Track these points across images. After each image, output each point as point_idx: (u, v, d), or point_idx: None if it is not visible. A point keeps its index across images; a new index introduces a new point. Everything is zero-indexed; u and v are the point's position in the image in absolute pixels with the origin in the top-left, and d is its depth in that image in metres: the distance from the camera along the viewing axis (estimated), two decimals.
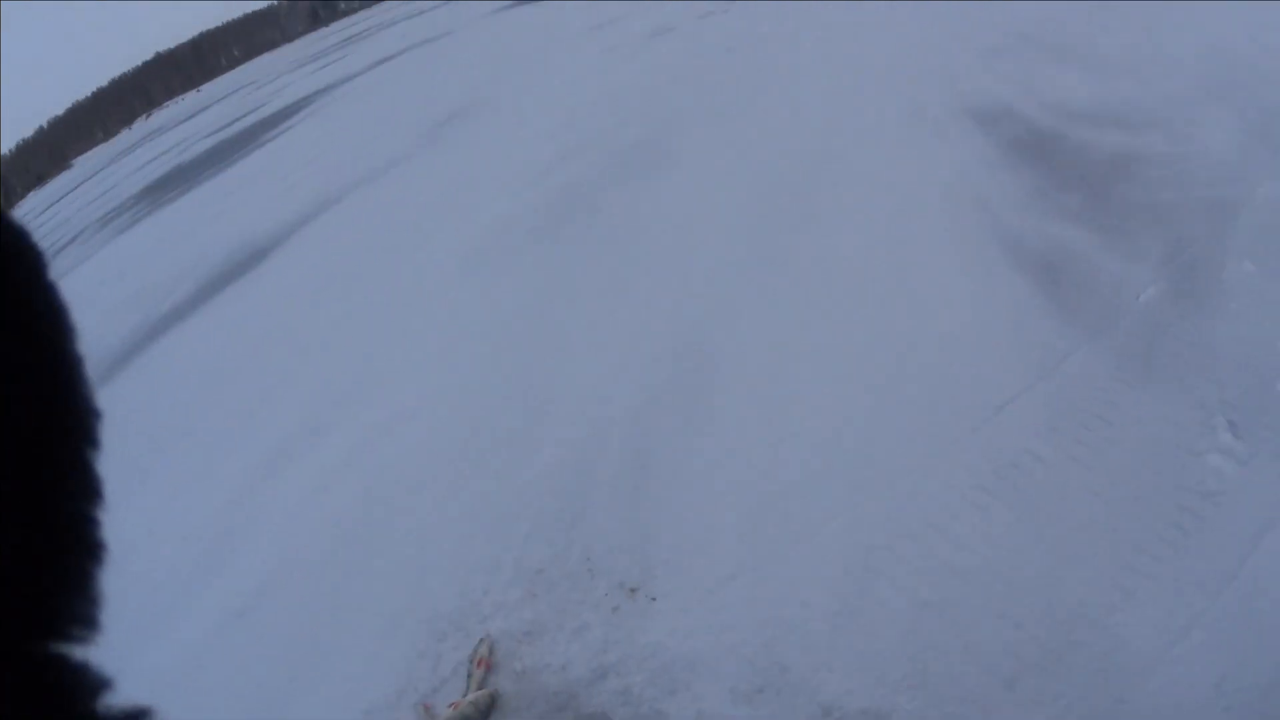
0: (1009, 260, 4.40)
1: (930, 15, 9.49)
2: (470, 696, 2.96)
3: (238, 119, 28.04)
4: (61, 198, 33.57)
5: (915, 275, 4.53)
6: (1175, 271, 4.05)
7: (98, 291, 11.24)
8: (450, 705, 2.98)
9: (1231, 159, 4.66)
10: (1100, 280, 4.11)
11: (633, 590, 3.26)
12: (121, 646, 3.86)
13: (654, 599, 3.21)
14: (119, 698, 0.46)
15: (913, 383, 3.84)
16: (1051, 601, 2.90)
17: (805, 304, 4.59)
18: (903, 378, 3.88)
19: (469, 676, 3.08)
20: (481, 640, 3.21)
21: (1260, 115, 4.96)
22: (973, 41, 8.04)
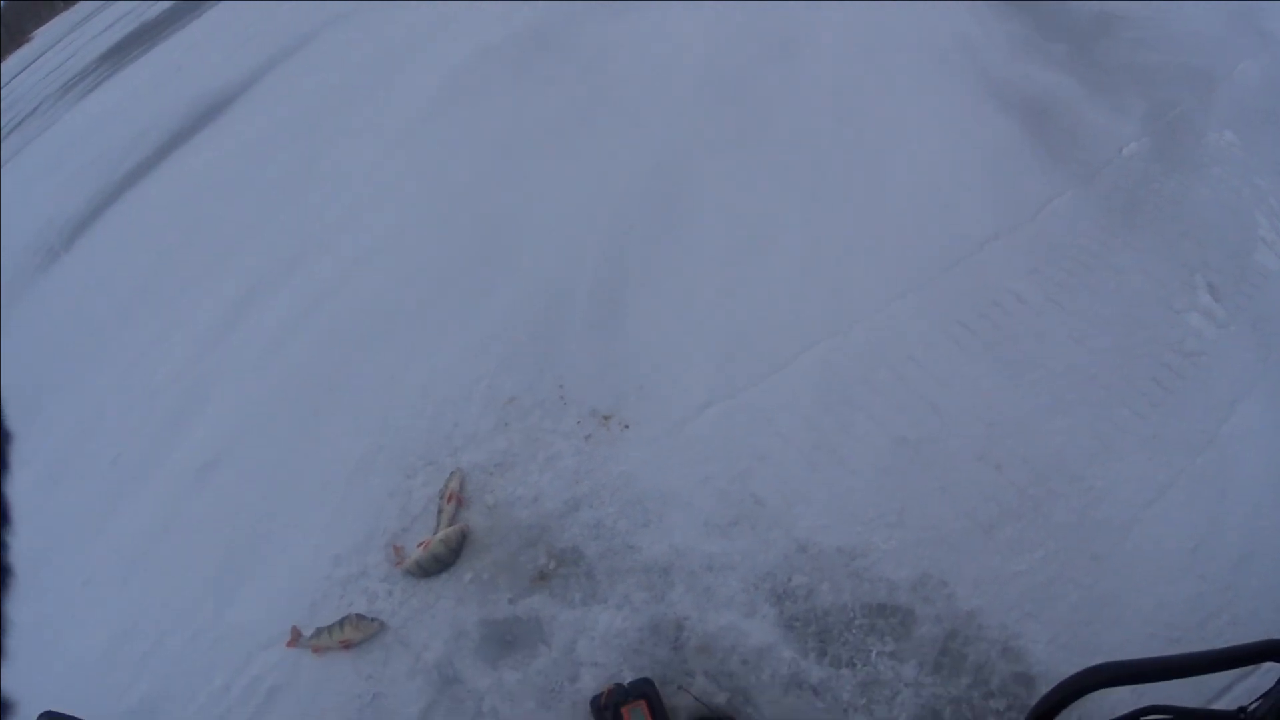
0: (993, 101, 3.99)
1: None
2: (440, 534, 2.67)
3: None
4: (19, 73, 29.47)
5: (896, 109, 4.09)
6: (1158, 130, 3.74)
7: (57, 160, 10.08)
8: (420, 544, 2.70)
9: (1212, 33, 4.36)
10: (1084, 130, 3.76)
11: (605, 418, 2.98)
12: (92, 508, 3.60)
13: (626, 427, 2.93)
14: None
15: (891, 214, 3.46)
16: (1031, 446, 2.64)
17: (781, 134, 4.12)
18: (882, 209, 3.49)
19: (439, 512, 2.80)
20: (452, 474, 2.92)
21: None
22: None
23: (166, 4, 21.68)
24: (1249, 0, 4.66)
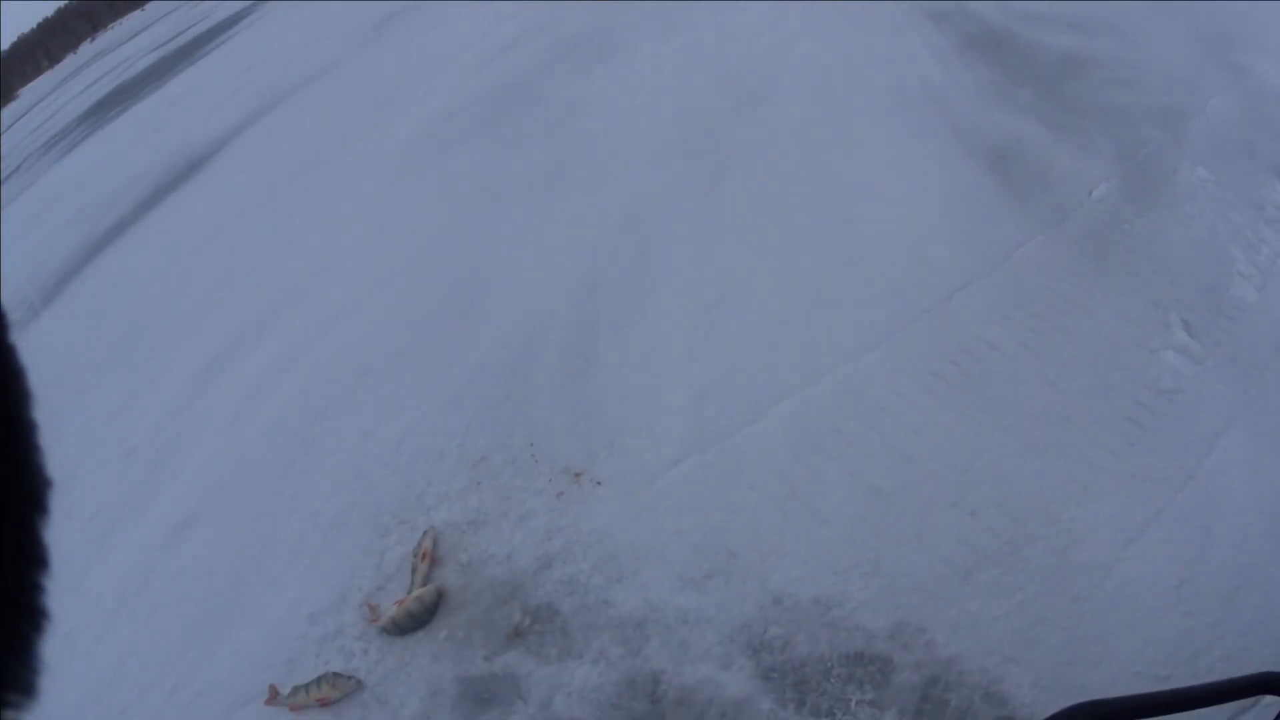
0: (961, 148, 4.05)
1: None
2: (416, 593, 2.71)
3: (180, 33, 26.13)
4: (5, 129, 30.68)
5: (865, 160, 4.14)
6: (1129, 170, 3.78)
7: (40, 216, 10.73)
8: (396, 602, 2.71)
9: (1183, 70, 4.40)
10: (1054, 173, 3.81)
11: (577, 475, 3.01)
12: (70, 563, 3.64)
13: (598, 484, 2.95)
14: None
15: (860, 264, 3.50)
16: (1006, 492, 2.64)
17: (750, 186, 4.18)
18: (851, 261, 3.53)
19: (413, 571, 2.83)
20: (425, 533, 2.96)
21: (1213, 34, 4.70)
22: None
23: (147, 62, 23.12)
24: (1221, 33, 4.72)
